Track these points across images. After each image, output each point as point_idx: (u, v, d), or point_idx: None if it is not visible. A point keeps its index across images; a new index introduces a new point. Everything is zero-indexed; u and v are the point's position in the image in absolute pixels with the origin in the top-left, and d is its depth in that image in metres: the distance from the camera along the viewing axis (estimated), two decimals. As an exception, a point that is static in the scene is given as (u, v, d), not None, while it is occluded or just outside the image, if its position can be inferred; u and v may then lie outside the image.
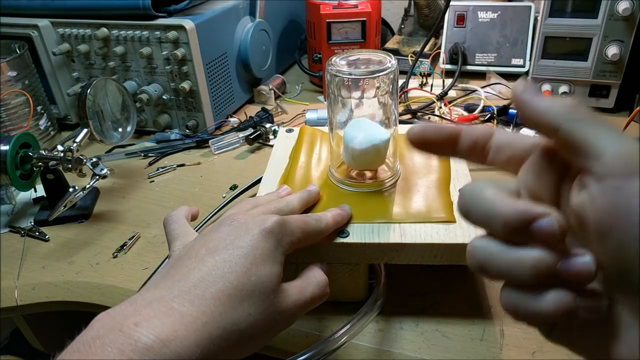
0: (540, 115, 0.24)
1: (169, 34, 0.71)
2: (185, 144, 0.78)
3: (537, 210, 0.22)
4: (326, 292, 0.38)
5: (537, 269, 0.22)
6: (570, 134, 0.23)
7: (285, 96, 0.93)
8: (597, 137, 0.22)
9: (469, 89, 0.88)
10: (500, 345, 0.42)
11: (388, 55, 0.46)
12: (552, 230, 0.22)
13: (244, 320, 0.31)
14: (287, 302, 0.35)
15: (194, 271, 0.32)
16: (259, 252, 0.34)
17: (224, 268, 0.32)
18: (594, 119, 0.23)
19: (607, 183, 0.21)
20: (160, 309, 0.29)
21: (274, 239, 0.35)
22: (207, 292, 0.31)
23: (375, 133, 0.46)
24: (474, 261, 0.25)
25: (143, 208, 0.64)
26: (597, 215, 0.22)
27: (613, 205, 0.21)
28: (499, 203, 0.23)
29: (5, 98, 0.69)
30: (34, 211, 0.64)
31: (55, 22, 0.78)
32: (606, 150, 0.22)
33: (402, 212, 0.44)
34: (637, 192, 0.20)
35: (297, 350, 0.40)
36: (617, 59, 0.74)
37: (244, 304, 0.32)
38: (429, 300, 0.47)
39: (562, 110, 0.23)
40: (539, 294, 0.23)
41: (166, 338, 0.28)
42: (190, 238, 0.39)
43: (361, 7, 0.83)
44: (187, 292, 0.31)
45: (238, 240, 0.35)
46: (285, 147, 0.57)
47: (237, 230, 0.36)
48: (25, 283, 0.53)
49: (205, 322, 0.30)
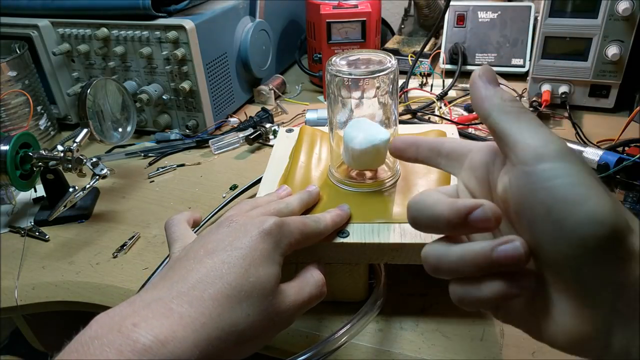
0: (479, 101, 0.28)
1: (169, 34, 0.71)
2: (185, 144, 0.78)
3: (471, 203, 0.26)
4: (323, 292, 0.39)
5: (477, 260, 0.25)
6: (496, 123, 0.26)
7: (285, 96, 0.93)
8: (516, 129, 0.25)
9: (469, 89, 0.88)
10: (500, 345, 0.42)
11: (388, 55, 0.46)
12: (486, 217, 0.25)
13: (243, 321, 0.32)
14: (286, 303, 0.35)
15: (193, 272, 0.33)
16: (257, 253, 0.34)
17: (222, 269, 0.33)
18: (520, 113, 0.26)
19: (519, 169, 0.25)
20: (158, 309, 0.29)
21: (272, 241, 0.35)
22: (206, 293, 0.31)
23: (375, 133, 0.46)
24: (428, 265, 0.28)
25: (143, 208, 0.64)
26: (513, 197, 0.25)
27: (523, 187, 0.24)
28: (441, 206, 0.27)
29: (5, 98, 0.69)
30: (34, 211, 0.64)
31: (55, 22, 0.78)
32: (520, 141, 0.25)
33: (402, 212, 0.44)
34: (541, 176, 0.23)
35: (297, 350, 0.40)
36: (617, 59, 0.74)
37: (242, 305, 0.32)
38: (429, 300, 0.47)
39: (496, 102, 0.27)
40: (478, 283, 0.26)
41: (164, 338, 0.28)
42: (189, 240, 0.39)
43: (361, 7, 0.83)
44: (186, 293, 0.31)
45: (236, 242, 0.35)
46: (285, 147, 0.57)
47: (236, 232, 0.36)
48: (25, 283, 0.53)
49: (204, 322, 0.30)
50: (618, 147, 0.64)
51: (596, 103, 0.80)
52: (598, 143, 0.70)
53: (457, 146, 0.32)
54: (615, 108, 0.80)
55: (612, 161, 0.59)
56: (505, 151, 0.26)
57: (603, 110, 0.80)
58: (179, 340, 0.28)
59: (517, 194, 0.25)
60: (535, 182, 0.24)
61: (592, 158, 0.62)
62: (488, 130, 0.28)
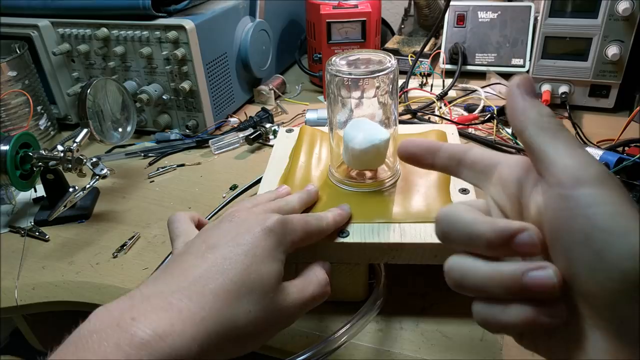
0: (515, 113, 0.26)
1: (169, 34, 0.71)
2: (185, 144, 0.78)
3: (516, 226, 0.24)
4: (327, 292, 0.38)
5: (506, 282, 0.24)
6: (532, 140, 0.25)
7: (285, 96, 0.93)
8: (553, 148, 0.24)
9: (469, 89, 0.88)
10: (500, 345, 0.42)
11: (388, 55, 0.46)
12: (533, 243, 0.24)
13: (243, 317, 0.31)
14: (288, 301, 0.35)
15: (194, 267, 0.32)
16: (259, 250, 0.34)
17: (223, 265, 0.32)
18: (558, 131, 0.25)
19: (556, 191, 0.23)
20: (158, 304, 0.29)
21: (275, 238, 0.35)
22: (206, 288, 0.31)
23: (375, 133, 0.46)
24: (451, 280, 0.27)
25: (143, 208, 0.64)
26: (549, 221, 0.24)
27: (560, 211, 0.23)
28: (481, 225, 0.25)
29: (5, 98, 0.69)
30: (34, 211, 0.64)
31: (55, 22, 0.78)
32: (558, 161, 0.23)
33: (402, 212, 0.44)
34: (580, 202, 0.22)
35: (297, 350, 0.40)
36: (617, 59, 0.74)
37: (243, 301, 0.32)
38: (429, 300, 0.47)
39: (533, 116, 0.25)
40: (506, 306, 0.24)
41: (163, 333, 0.27)
42: (192, 236, 0.39)
43: (361, 7, 0.83)
44: (186, 287, 0.31)
45: (239, 238, 0.34)
46: (285, 147, 0.57)
47: (238, 227, 0.35)
48: (25, 283, 0.53)
49: (203, 317, 0.29)
50: (618, 147, 0.64)
51: (596, 103, 0.80)
52: (598, 143, 0.70)
53: (483, 157, 0.30)
54: (615, 108, 0.80)
55: (612, 161, 0.59)
56: (540, 170, 0.25)
57: (603, 110, 0.80)
58: (177, 334, 0.28)
59: (554, 217, 0.23)
60: (573, 208, 0.22)
61: (592, 158, 0.62)
62: (522, 146, 0.27)
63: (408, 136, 0.57)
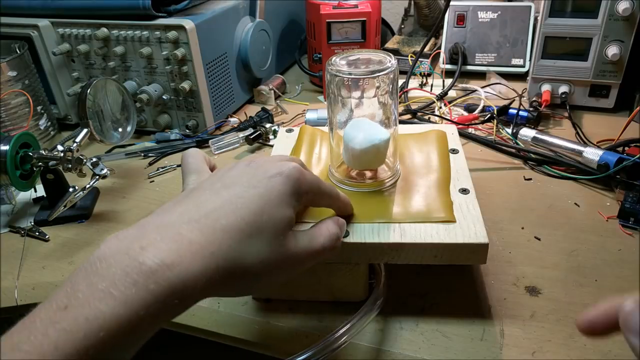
0: None
1: (169, 34, 0.71)
2: (185, 144, 0.78)
3: None
4: (336, 246, 0.38)
5: None
6: None
7: (285, 96, 0.93)
8: None
9: (469, 89, 0.88)
10: (500, 345, 0.42)
11: (388, 55, 0.46)
12: None
13: (253, 256, 0.32)
14: (297, 247, 0.35)
15: (207, 202, 0.33)
16: (274, 194, 0.34)
17: (237, 203, 0.32)
18: None
19: None
20: (168, 234, 0.29)
21: (290, 185, 0.35)
22: (218, 224, 0.31)
23: (375, 133, 0.46)
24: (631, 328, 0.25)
25: (143, 208, 0.64)
26: None
27: None
28: None
29: (5, 98, 0.69)
30: (34, 211, 0.64)
31: (55, 22, 0.78)
32: None
33: (402, 212, 0.44)
34: None
35: (297, 350, 0.40)
36: (617, 59, 0.74)
37: (253, 241, 0.32)
38: (429, 300, 0.47)
39: None
40: None
41: (171, 263, 0.28)
42: (205, 175, 0.39)
43: (361, 7, 0.83)
44: (198, 220, 0.31)
45: (254, 180, 0.34)
46: (285, 147, 0.57)
47: (255, 170, 0.35)
48: (25, 283, 0.53)
49: (213, 252, 0.30)
50: (618, 147, 0.64)
51: (596, 103, 0.80)
52: (598, 143, 0.70)
53: None
54: (615, 108, 0.80)
55: (612, 161, 0.60)
56: None
57: (603, 110, 0.80)
58: (185, 265, 0.28)
59: None
60: None
61: (592, 158, 0.62)
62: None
63: (408, 136, 0.57)
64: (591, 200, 0.60)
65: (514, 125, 0.73)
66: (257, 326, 0.46)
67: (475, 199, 0.46)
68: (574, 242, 0.53)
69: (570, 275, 0.49)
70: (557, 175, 0.65)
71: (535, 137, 0.69)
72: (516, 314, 0.45)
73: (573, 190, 0.62)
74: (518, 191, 0.62)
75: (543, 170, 0.66)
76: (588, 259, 0.51)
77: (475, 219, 0.43)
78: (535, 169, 0.66)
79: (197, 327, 0.47)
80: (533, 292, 0.47)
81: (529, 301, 0.46)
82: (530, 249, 0.52)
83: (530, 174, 0.65)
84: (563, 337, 0.42)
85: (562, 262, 0.50)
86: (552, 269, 0.50)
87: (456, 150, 0.54)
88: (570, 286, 0.47)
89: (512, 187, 0.63)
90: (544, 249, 0.52)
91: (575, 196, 0.61)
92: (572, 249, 0.52)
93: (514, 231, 0.55)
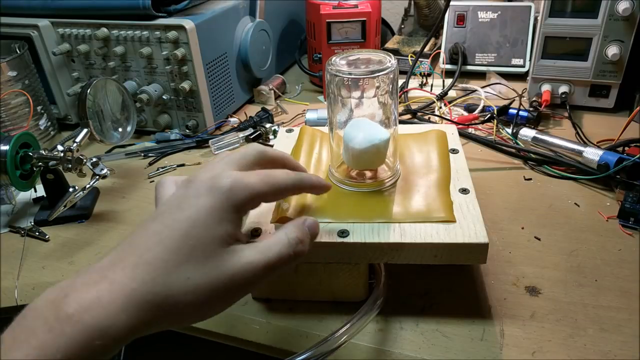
0: None
1: (169, 34, 0.71)
2: (185, 144, 0.78)
3: None
4: (298, 251, 0.35)
5: None
6: None
7: (285, 96, 0.93)
8: None
9: (469, 89, 0.88)
10: (500, 345, 0.42)
11: (388, 55, 0.46)
12: None
13: (182, 284, 0.30)
14: (241, 264, 0.32)
15: (138, 238, 0.32)
16: (203, 214, 0.32)
17: (162, 233, 0.31)
18: None
19: None
20: (93, 278, 0.29)
21: (223, 198, 0.32)
22: (142, 259, 0.30)
23: (375, 133, 0.46)
24: None
25: (143, 208, 0.64)
26: None
27: None
28: None
29: (5, 98, 0.69)
30: (34, 211, 0.64)
31: (55, 22, 0.78)
32: None
33: (402, 212, 0.44)
34: None
35: (297, 350, 0.40)
36: (617, 59, 0.74)
37: (181, 268, 0.30)
38: (429, 300, 0.47)
39: None
40: None
41: (88, 305, 0.28)
42: None
43: (361, 7, 0.83)
44: (124, 258, 0.30)
45: (184, 203, 0.33)
46: (285, 147, 0.56)
47: (186, 191, 0.34)
48: (25, 283, 0.53)
49: (134, 288, 0.29)
50: (618, 147, 0.65)
51: (596, 103, 0.80)
52: (598, 143, 0.70)
53: None
54: (615, 108, 0.80)
55: (612, 161, 0.60)
56: None
57: (603, 110, 0.80)
58: (103, 306, 0.28)
59: None
60: None
61: (592, 158, 0.62)
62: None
63: (408, 136, 0.57)
64: (591, 200, 0.60)
65: (514, 125, 0.73)
66: (257, 326, 0.46)
67: (475, 199, 0.46)
68: (574, 242, 0.53)
69: (570, 275, 0.49)
70: (557, 175, 0.65)
71: (535, 137, 0.69)
72: (516, 314, 0.45)
73: (573, 190, 0.62)
74: (518, 191, 0.62)
75: (543, 170, 0.66)
76: (588, 259, 0.51)
77: (475, 219, 0.43)
78: (535, 169, 0.66)
79: (197, 327, 0.47)
80: (533, 292, 0.47)
81: (529, 301, 0.46)
82: (530, 249, 0.52)
83: (530, 174, 0.66)
84: (563, 337, 0.42)
85: (562, 262, 0.50)
86: (552, 269, 0.50)
87: (456, 150, 0.54)
88: (570, 286, 0.47)
89: (512, 187, 0.63)
90: (544, 249, 0.52)
91: (575, 196, 0.61)
92: (572, 249, 0.52)
93: (514, 231, 0.55)
